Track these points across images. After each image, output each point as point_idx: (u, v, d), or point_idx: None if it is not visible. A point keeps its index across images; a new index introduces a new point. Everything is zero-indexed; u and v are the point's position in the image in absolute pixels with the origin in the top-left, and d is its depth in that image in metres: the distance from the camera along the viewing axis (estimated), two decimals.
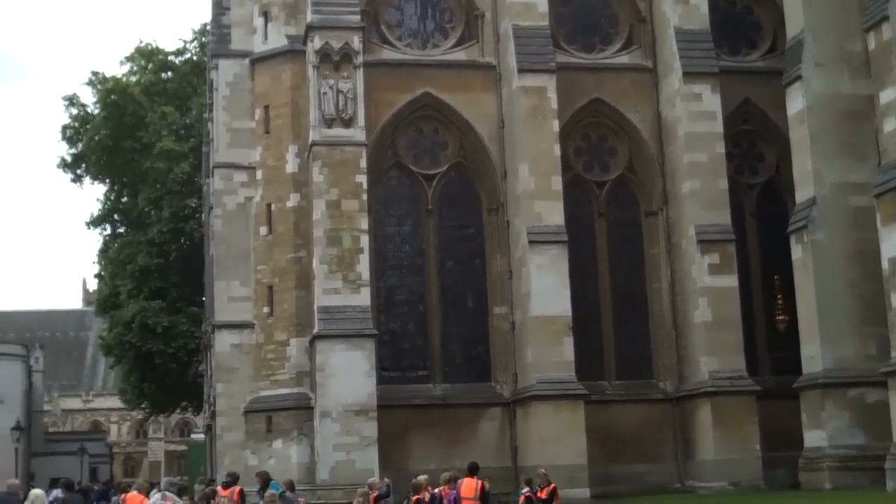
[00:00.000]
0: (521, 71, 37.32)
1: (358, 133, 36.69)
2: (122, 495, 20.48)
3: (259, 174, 38.72)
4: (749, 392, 35.98)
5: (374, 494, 20.21)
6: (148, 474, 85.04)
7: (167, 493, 18.19)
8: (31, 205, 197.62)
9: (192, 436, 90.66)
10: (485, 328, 38.84)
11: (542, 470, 20.16)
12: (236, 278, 38.60)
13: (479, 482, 19.34)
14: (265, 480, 19.93)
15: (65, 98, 63.22)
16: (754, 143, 40.92)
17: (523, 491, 19.26)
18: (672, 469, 37.57)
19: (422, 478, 21.48)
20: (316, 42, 36.77)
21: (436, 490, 21.34)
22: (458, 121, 39.27)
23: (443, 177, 39.50)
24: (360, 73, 37.03)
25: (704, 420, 36.16)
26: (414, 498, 20.04)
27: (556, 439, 34.47)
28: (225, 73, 40.02)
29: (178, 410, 72.61)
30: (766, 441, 35.65)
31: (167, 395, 62.07)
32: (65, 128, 63.13)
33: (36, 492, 20.22)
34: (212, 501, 18.41)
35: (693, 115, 37.76)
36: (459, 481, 19.68)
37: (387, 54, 39.17)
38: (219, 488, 19.34)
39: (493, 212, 39.09)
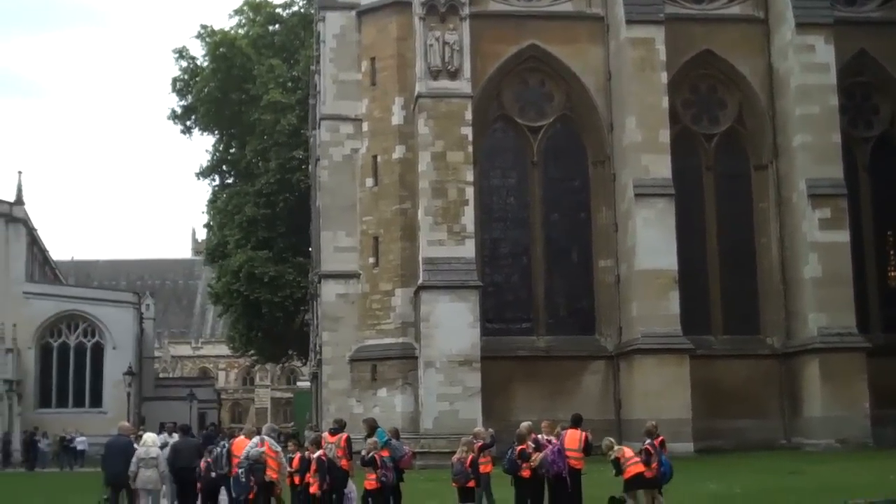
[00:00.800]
0: (630, 22, 36.93)
1: (464, 85, 36.67)
2: (231, 440, 20.96)
3: (365, 126, 38.96)
4: (859, 349, 35.41)
5: (479, 444, 20.25)
6: (255, 421, 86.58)
7: (266, 437, 18.44)
8: (143, 156, 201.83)
9: (298, 383, 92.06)
10: (589, 281, 38.76)
11: (653, 423, 20.05)
12: (342, 229, 39.02)
13: (584, 434, 19.30)
14: (372, 427, 20.04)
15: (175, 51, 64.18)
16: (869, 96, 40.01)
17: (647, 443, 19.16)
18: (777, 425, 37.24)
19: (524, 425, 21.54)
20: None
21: (539, 436, 21.40)
22: (565, 73, 39.01)
23: (548, 129, 39.35)
24: (466, 25, 36.96)
25: (812, 376, 35.72)
26: (518, 448, 20.08)
27: (661, 393, 34.37)
28: (332, 25, 40.25)
29: (284, 358, 73.63)
30: (875, 399, 35.10)
31: (274, 344, 63.00)
32: (175, 80, 64.01)
33: (149, 435, 20.68)
34: (320, 447, 18.65)
35: (806, 66, 37.02)
36: (563, 432, 19.66)
37: (493, 6, 38.99)
38: (326, 434, 19.58)
39: (599, 164, 38.86)
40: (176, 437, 22.77)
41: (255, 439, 18.22)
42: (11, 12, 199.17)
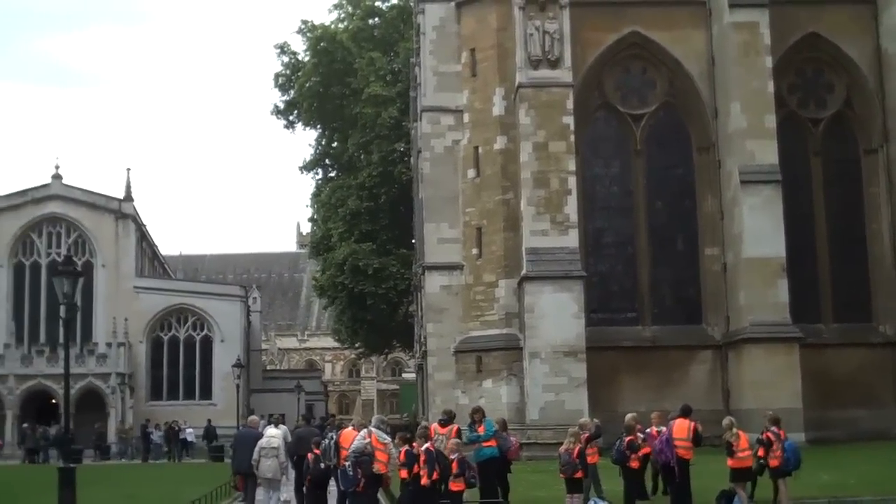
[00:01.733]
0: (732, 6, 36.38)
1: (564, 74, 36.46)
2: (339, 431, 21.23)
3: (466, 117, 38.97)
4: None
5: (585, 435, 20.19)
6: (361, 412, 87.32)
7: (373, 430, 18.53)
8: (248, 152, 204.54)
9: (403, 375, 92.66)
10: (695, 270, 38.29)
11: (771, 412, 19.93)
12: (445, 220, 39.09)
13: (692, 424, 19.16)
14: (480, 415, 20.12)
15: (276, 47, 64.87)
16: None
17: (769, 430, 19.00)
18: (891, 415, 36.40)
19: (630, 416, 21.46)
20: None
21: (647, 430, 21.25)
22: (667, 59, 38.56)
23: (651, 116, 38.96)
24: (566, 14, 36.71)
25: None
26: (627, 439, 19.98)
27: (770, 383, 33.82)
28: (431, 16, 40.29)
29: (388, 350, 74.11)
30: None
31: (379, 335, 63.42)
32: (277, 75, 64.76)
33: (274, 430, 21.42)
34: (428, 439, 18.69)
35: None
36: (672, 422, 19.54)
37: None
38: (435, 426, 19.65)
39: (703, 151, 38.34)
40: (281, 428, 23.13)
41: (363, 431, 18.33)
42: (117, 11, 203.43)
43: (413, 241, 51.43)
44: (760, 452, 19.31)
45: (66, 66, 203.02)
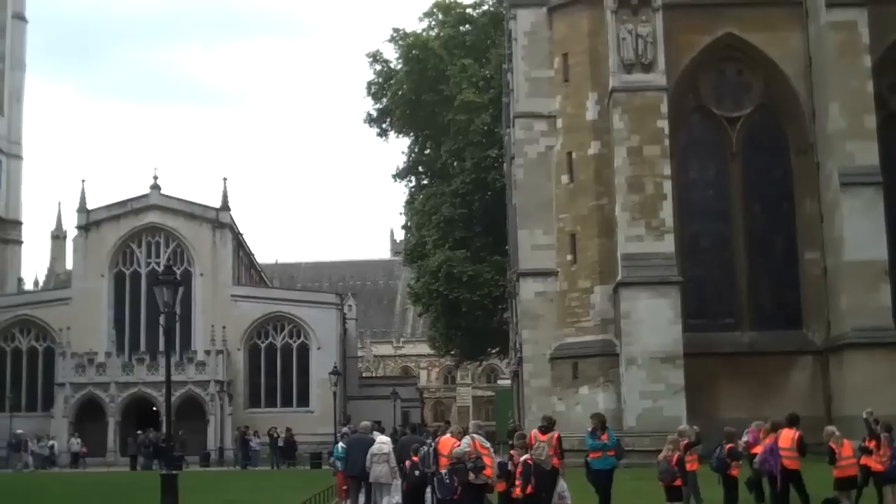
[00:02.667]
0: (829, 6, 35.75)
1: (658, 77, 36.19)
2: (436, 438, 21.34)
3: (559, 122, 38.86)
4: None
5: (684, 442, 20.00)
6: (457, 419, 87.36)
7: (475, 436, 18.53)
8: (341, 160, 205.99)
9: (499, 381, 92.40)
10: (794, 274, 37.69)
11: (870, 413, 19.60)
12: (539, 227, 39.00)
13: (797, 434, 18.87)
14: (602, 423, 19.93)
15: (368, 55, 65.40)
16: None
17: (883, 434, 18.69)
18: None
19: (732, 428, 21.25)
20: None
21: (744, 439, 21.00)
22: (763, 61, 38.05)
23: (747, 119, 38.49)
24: (659, 16, 36.45)
25: None
26: (727, 446, 19.72)
27: (874, 389, 32.98)
28: (523, 22, 40.25)
29: (483, 357, 74.09)
30: None
31: (474, 342, 63.45)
32: (370, 84, 65.24)
33: (384, 437, 22.24)
34: (527, 450, 18.61)
35: None
36: (777, 431, 19.27)
37: None
38: (535, 432, 19.56)
39: (801, 153, 37.72)
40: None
41: (466, 438, 18.33)
42: (211, 24, 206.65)
43: (507, 247, 51.38)
44: (864, 461, 18.96)
45: (162, 79, 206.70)
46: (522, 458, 17.70)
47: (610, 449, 19.61)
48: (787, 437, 18.87)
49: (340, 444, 26.28)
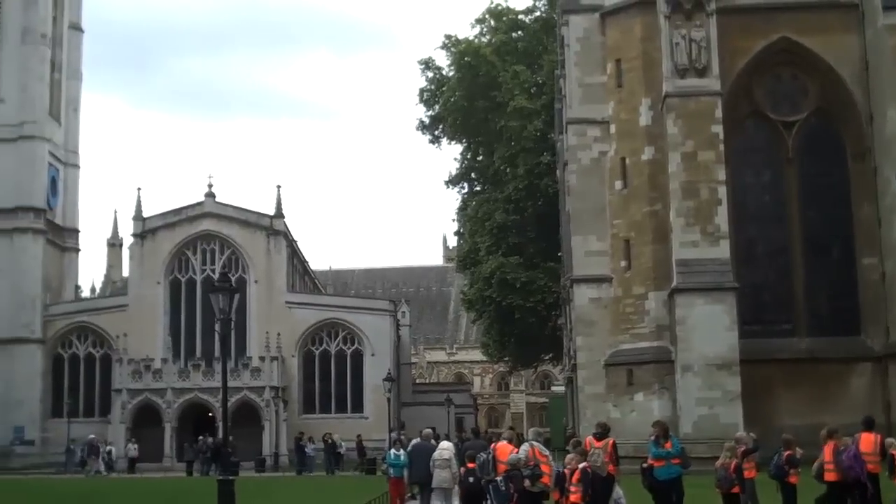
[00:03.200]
0: (887, 8, 35.38)
1: (712, 82, 35.95)
2: (493, 444, 21.52)
3: (612, 128, 38.73)
4: None
5: (741, 449, 19.89)
6: (511, 425, 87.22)
7: (533, 443, 18.55)
8: (394, 167, 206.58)
9: (553, 388, 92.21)
10: (852, 279, 37.25)
11: None
12: (592, 233, 38.87)
13: (878, 436, 18.68)
14: (664, 430, 19.79)
15: (421, 62, 65.53)
16: None
17: None
18: None
19: (790, 436, 21.01)
20: None
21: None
22: (819, 64, 37.65)
23: (803, 123, 38.09)
24: (713, 21, 36.23)
25: None
26: (786, 453, 19.55)
27: None
28: (575, 28, 40.18)
29: (537, 363, 73.97)
30: None
31: (527, 349, 63.37)
32: (422, 91, 65.37)
33: (446, 443, 22.94)
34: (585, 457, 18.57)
35: None
36: (857, 436, 19.04)
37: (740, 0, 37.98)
38: (590, 439, 19.53)
39: (858, 158, 37.30)
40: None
41: (525, 446, 18.35)
42: (259, 35, 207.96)
43: (560, 253, 51.27)
44: None
45: (213, 88, 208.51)
46: (581, 466, 17.64)
47: (674, 457, 19.47)
48: (869, 441, 18.68)
49: (393, 451, 26.56)
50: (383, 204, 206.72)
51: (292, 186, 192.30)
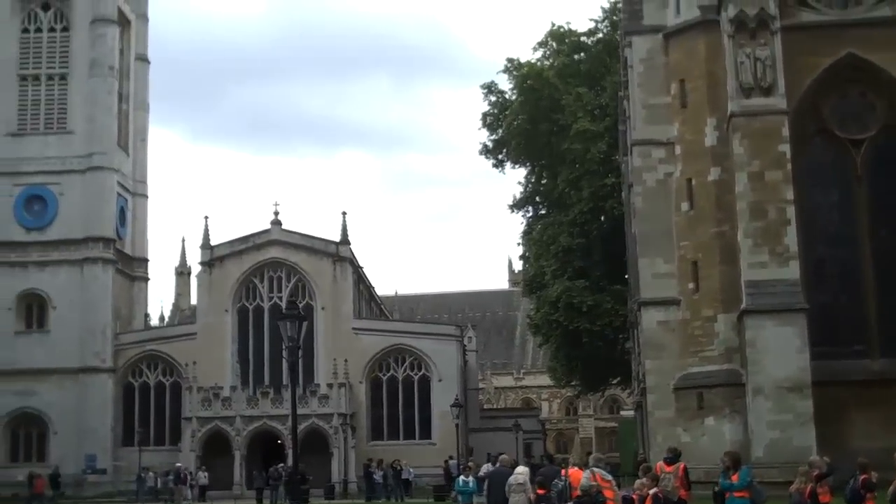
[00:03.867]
0: None
1: (778, 101, 35.52)
2: (565, 470, 21.66)
3: (677, 149, 38.45)
4: None
5: (815, 473, 19.55)
6: (579, 451, 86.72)
7: (595, 469, 18.43)
8: (458, 191, 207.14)
9: (622, 412, 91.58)
10: None
11: None
12: (659, 255, 38.56)
13: None
14: (735, 461, 19.47)
15: (483, 87, 65.55)
16: None
17: None
18: None
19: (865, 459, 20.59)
20: (730, 10, 35.87)
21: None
22: (887, 81, 36.99)
23: (871, 141, 37.44)
24: (777, 39, 35.81)
25: None
26: (861, 477, 19.17)
27: None
28: (638, 49, 40.01)
29: (605, 387, 73.47)
30: None
31: (595, 373, 62.95)
32: (485, 115, 65.36)
33: (521, 468, 23.01)
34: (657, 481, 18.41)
35: None
36: None
37: (805, 16, 37.43)
38: (661, 464, 19.34)
39: None
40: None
41: (587, 472, 18.22)
42: (315, 59, 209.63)
43: (627, 276, 50.94)
44: None
45: (274, 117, 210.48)
46: (652, 491, 17.44)
47: (737, 490, 19.12)
48: None
49: (462, 478, 26.67)
50: (449, 229, 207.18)
51: (357, 213, 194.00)
